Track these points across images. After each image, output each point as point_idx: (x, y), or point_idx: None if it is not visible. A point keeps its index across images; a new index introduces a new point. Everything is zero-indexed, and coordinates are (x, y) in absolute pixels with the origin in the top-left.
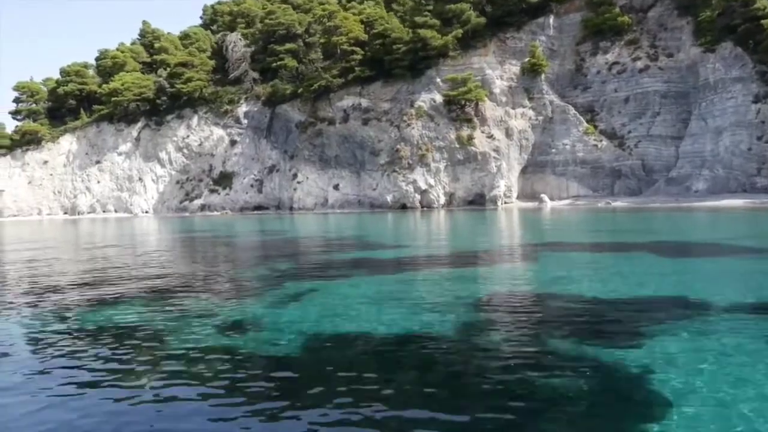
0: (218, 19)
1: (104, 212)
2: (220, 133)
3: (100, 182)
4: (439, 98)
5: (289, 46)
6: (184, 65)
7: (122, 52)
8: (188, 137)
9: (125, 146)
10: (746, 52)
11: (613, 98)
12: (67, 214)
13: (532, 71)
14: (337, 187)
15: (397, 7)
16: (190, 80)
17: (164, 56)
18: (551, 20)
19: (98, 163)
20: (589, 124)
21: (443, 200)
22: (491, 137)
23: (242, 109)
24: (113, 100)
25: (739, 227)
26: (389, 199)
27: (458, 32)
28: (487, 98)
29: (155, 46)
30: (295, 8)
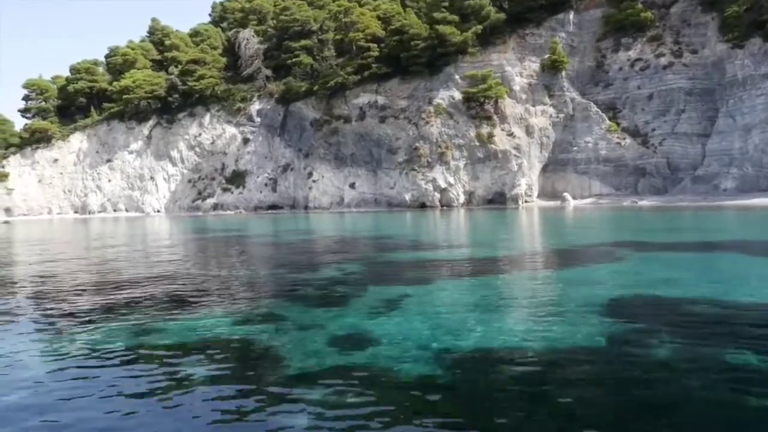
0: (228, 16)
1: (115, 211)
2: (232, 131)
3: (111, 181)
4: (457, 95)
5: (304, 42)
6: (196, 62)
7: (132, 49)
8: (200, 135)
9: (136, 144)
10: None
11: (636, 95)
12: (77, 213)
13: (552, 68)
14: (353, 185)
15: (412, 2)
16: (202, 77)
17: (175, 53)
18: (571, 16)
19: (109, 161)
20: (611, 121)
21: (463, 199)
22: (511, 135)
23: (255, 106)
24: (124, 97)
25: None
26: (408, 197)
27: (478, 28)
28: (506, 95)
29: (165, 43)
30: (309, 4)
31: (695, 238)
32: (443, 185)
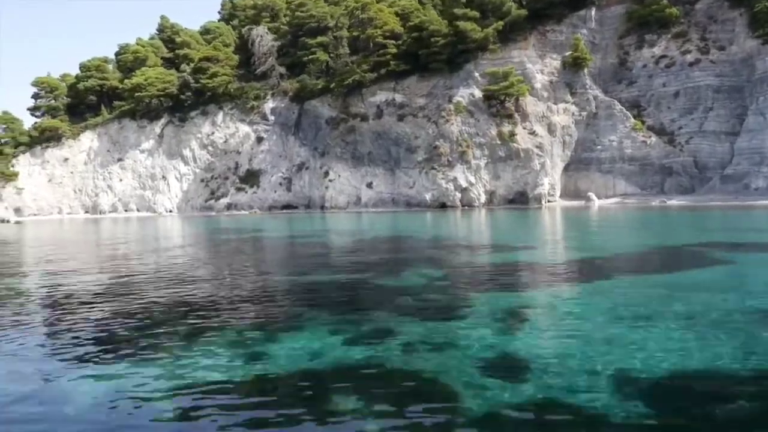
0: (238, 14)
1: (126, 211)
2: (245, 129)
3: (122, 180)
4: (478, 93)
5: (320, 39)
6: (208, 60)
7: (143, 47)
8: (213, 134)
9: (148, 143)
10: None
11: (661, 93)
12: (88, 213)
13: (574, 65)
14: (370, 185)
15: None
16: (215, 75)
17: (187, 51)
18: (593, 13)
19: (120, 160)
20: (635, 119)
21: (484, 199)
22: (533, 133)
23: (269, 105)
24: (136, 95)
25: None
26: (428, 197)
27: (499, 24)
28: (528, 93)
29: (177, 41)
30: (324, 0)
31: None
32: (464, 185)
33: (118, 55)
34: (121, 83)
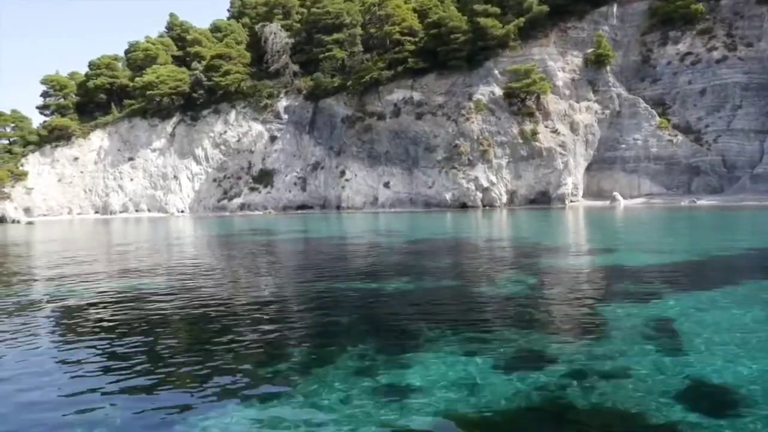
0: (248, 11)
1: (137, 212)
2: (259, 128)
3: (133, 180)
4: (498, 91)
5: (336, 36)
6: (221, 57)
7: (153, 44)
8: (225, 133)
9: (159, 142)
10: None
11: (686, 91)
12: (98, 213)
13: (596, 62)
14: (387, 185)
15: None
16: (228, 73)
17: (198, 48)
18: (614, 9)
19: (131, 160)
20: (660, 118)
21: (505, 199)
22: (555, 132)
23: (282, 103)
24: (148, 93)
25: None
26: (448, 197)
27: (520, 21)
28: (549, 91)
29: (187, 38)
30: None
31: None
32: (485, 184)
33: (128, 52)
34: (131, 81)
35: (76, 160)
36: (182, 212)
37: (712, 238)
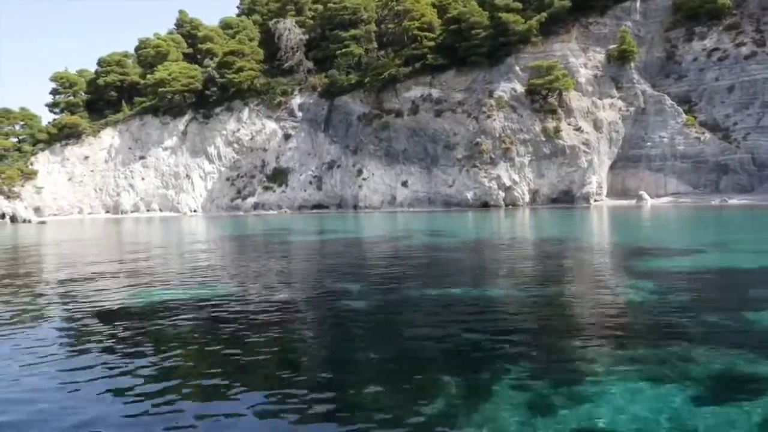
0: (258, 8)
1: (148, 211)
2: (272, 126)
3: (144, 179)
4: (519, 88)
5: (354, 32)
6: (234, 54)
7: (164, 41)
8: (238, 131)
9: (171, 141)
10: None
11: (713, 87)
12: (109, 213)
13: (619, 58)
14: (405, 183)
15: None
16: (241, 70)
17: (210, 45)
18: (637, 4)
19: (142, 158)
20: (687, 115)
21: (527, 198)
22: (579, 130)
23: (296, 101)
24: (160, 90)
25: None
26: (469, 196)
27: (542, 16)
28: (572, 88)
29: (199, 35)
30: None
31: None
32: (508, 183)
33: (138, 49)
34: (142, 79)
35: (86, 158)
36: (195, 212)
37: None
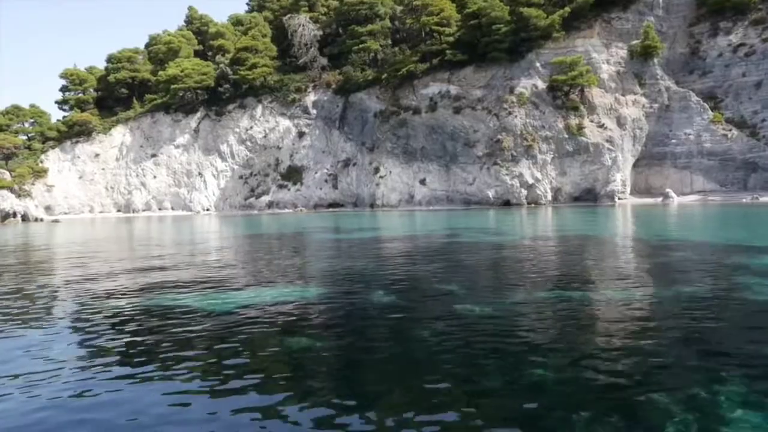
0: (269, 4)
1: (160, 210)
2: (286, 123)
3: (156, 177)
4: (541, 84)
5: (371, 27)
6: (247, 50)
7: (175, 37)
8: (252, 128)
9: (183, 138)
10: None
11: (740, 83)
12: (120, 211)
13: (643, 54)
14: (423, 181)
15: None
16: (255, 66)
17: (221, 41)
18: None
19: (154, 156)
20: (713, 112)
21: (550, 196)
22: (602, 127)
23: (310, 98)
24: (172, 87)
25: None
26: (491, 194)
27: (565, 11)
28: (596, 84)
29: (210, 31)
30: None
31: None
32: (530, 181)
33: (148, 46)
34: (153, 75)
35: (97, 156)
36: (207, 210)
37: None
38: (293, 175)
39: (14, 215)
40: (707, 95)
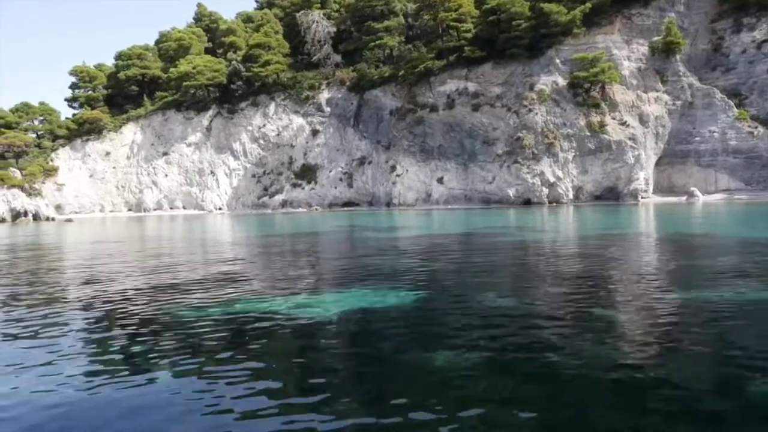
0: (277, 2)
1: (172, 209)
2: (299, 121)
3: (167, 176)
4: (561, 81)
5: (387, 23)
6: (259, 47)
7: (185, 34)
8: (264, 126)
9: (195, 136)
10: None
11: (765, 80)
12: (131, 211)
13: (665, 51)
14: (441, 180)
15: None
16: (268, 63)
17: (233, 38)
18: None
19: (165, 154)
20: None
21: (571, 194)
22: (624, 124)
23: (324, 95)
24: (184, 84)
25: None
26: (511, 193)
27: (586, 6)
28: (618, 81)
29: (219, 28)
30: None
31: None
32: (551, 179)
33: (159, 42)
34: (164, 72)
35: (107, 154)
36: (220, 210)
37: None
38: (307, 173)
39: (25, 214)
40: (731, 92)
